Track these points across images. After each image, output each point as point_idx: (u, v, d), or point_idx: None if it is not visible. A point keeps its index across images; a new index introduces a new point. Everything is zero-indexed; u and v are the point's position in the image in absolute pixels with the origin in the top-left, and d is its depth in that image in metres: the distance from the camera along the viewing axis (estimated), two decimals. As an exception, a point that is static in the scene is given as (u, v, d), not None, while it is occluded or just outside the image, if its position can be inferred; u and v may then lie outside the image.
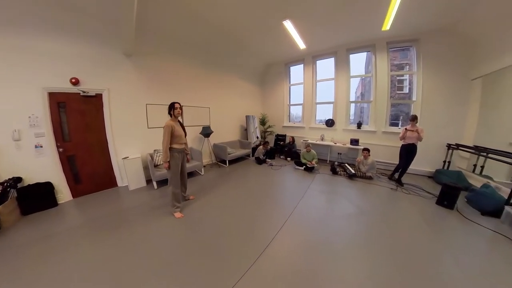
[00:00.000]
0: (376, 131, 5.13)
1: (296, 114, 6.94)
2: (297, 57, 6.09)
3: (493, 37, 3.51)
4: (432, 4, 3.32)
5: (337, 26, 4.23)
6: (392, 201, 3.16)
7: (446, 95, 4.28)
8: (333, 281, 1.54)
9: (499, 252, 1.97)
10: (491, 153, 3.40)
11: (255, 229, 2.17)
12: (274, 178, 4.06)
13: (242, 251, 1.80)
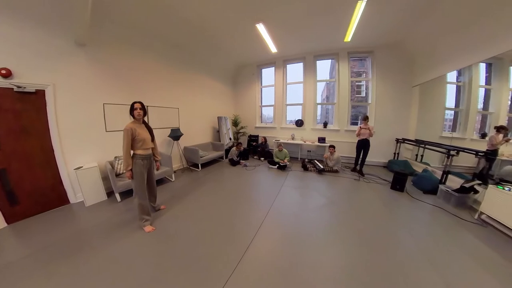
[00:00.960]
0: (339, 130, 5.72)
1: (268, 115, 7.13)
2: (269, 60, 6.26)
3: (427, 54, 4.41)
4: (382, 25, 4.02)
5: (306, 34, 4.57)
6: (356, 190, 3.62)
7: (394, 99, 5.14)
8: (314, 268, 1.67)
9: (437, 220, 2.58)
10: (427, 145, 4.25)
11: (234, 233, 2.13)
12: (249, 178, 4.06)
13: (223, 257, 1.75)
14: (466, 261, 1.81)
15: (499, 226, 2.35)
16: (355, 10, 3.40)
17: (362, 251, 1.89)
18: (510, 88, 3.18)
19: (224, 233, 2.11)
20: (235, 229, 2.20)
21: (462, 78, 3.88)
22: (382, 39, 4.72)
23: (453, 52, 3.76)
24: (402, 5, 3.34)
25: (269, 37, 4.47)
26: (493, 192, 2.50)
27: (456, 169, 3.59)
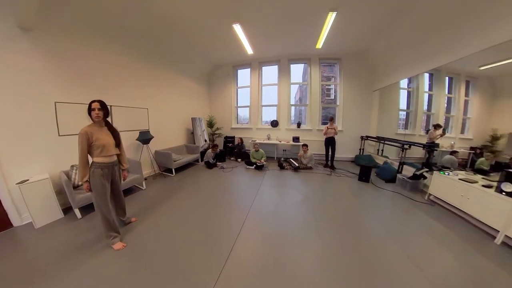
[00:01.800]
0: (312, 129, 6.10)
1: (243, 115, 7.12)
2: (245, 61, 6.24)
3: (385, 64, 5.15)
4: (349, 35, 4.49)
5: (282, 38, 4.75)
6: (329, 184, 3.95)
7: (358, 101, 5.80)
8: (296, 262, 1.74)
9: (397, 203, 3.07)
10: (386, 141, 4.90)
11: (216, 238, 2.06)
12: (227, 180, 4.00)
13: (205, 265, 1.67)
14: (421, 235, 2.22)
15: (443, 204, 2.94)
16: (326, 20, 3.68)
17: (338, 239, 2.10)
18: (446, 94, 3.93)
19: (205, 240, 2.02)
20: (216, 234, 2.13)
21: (411, 85, 4.63)
22: (349, 48, 5.26)
23: (405, 63, 4.46)
24: (367, 20, 3.79)
25: (245, 39, 4.48)
26: (437, 177, 3.09)
27: (409, 160, 4.22)
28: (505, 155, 3.09)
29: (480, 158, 3.36)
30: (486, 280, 1.58)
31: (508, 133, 3.14)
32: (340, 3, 3.24)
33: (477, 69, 3.24)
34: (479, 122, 3.53)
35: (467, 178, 2.74)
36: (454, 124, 3.78)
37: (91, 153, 1.76)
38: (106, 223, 1.85)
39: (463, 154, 3.68)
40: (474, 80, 3.39)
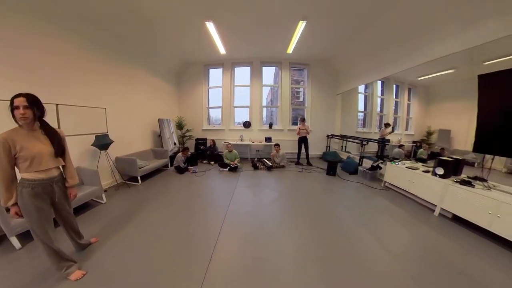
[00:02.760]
0: (283, 129, 6.39)
1: (215, 116, 6.94)
2: (217, 60, 6.09)
3: (346, 71, 5.84)
4: (317, 43, 4.91)
5: (255, 41, 4.84)
6: (300, 180, 4.19)
7: (324, 104, 6.41)
8: (277, 257, 1.79)
9: (360, 192, 3.54)
10: (348, 138, 5.51)
11: (193, 247, 1.93)
12: (200, 185, 3.81)
13: (186, 276, 1.56)
14: (381, 216, 2.65)
15: (395, 188, 3.56)
16: (297, 27, 3.97)
17: (313, 229, 2.27)
18: (394, 98, 4.71)
19: (183, 250, 1.88)
20: (194, 242, 2.01)
21: (368, 90, 5.41)
22: (316, 55, 5.75)
23: (363, 72, 5.16)
24: (332, 31, 4.25)
25: (218, 38, 4.38)
26: (390, 166, 3.68)
27: (367, 154, 4.86)
28: (437, 146, 3.86)
29: (420, 149, 4.12)
30: (431, 244, 2.03)
31: (438, 129, 3.91)
32: (310, 14, 3.53)
33: (416, 79, 4.04)
34: (418, 121, 4.35)
35: (411, 166, 3.35)
36: (400, 123, 4.59)
37: (20, 167, 1.32)
38: (51, 253, 1.43)
39: (407, 147, 4.44)
40: (414, 88, 4.20)
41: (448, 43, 2.90)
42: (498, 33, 2.26)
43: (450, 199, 2.52)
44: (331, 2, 3.21)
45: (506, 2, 2.17)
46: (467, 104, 2.79)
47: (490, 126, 2.50)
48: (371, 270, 1.63)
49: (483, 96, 2.55)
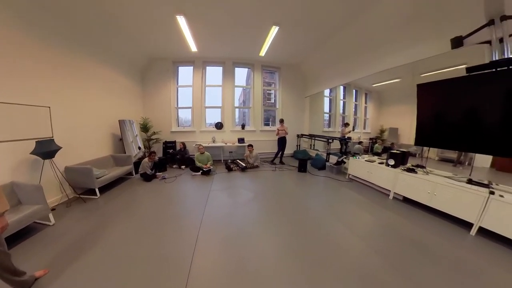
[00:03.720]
0: (255, 130, 6.49)
1: (185, 118, 6.54)
2: (188, 58, 5.75)
3: (314, 76, 6.29)
4: (287, 49, 5.18)
5: (228, 41, 4.76)
6: (274, 178, 4.36)
7: (294, 105, 6.80)
8: (258, 256, 1.81)
9: (329, 185, 3.92)
10: (316, 137, 5.99)
11: (169, 261, 1.76)
12: (171, 192, 3.53)
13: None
14: (347, 204, 3.07)
15: (357, 179, 4.06)
16: (269, 32, 4.14)
17: (289, 224, 2.39)
18: (354, 101, 5.37)
19: (157, 268, 1.68)
20: (169, 256, 1.83)
21: (332, 94, 5.97)
22: (287, 60, 6.06)
23: (328, 77, 5.68)
24: (302, 39, 4.55)
25: (190, 34, 4.14)
26: (352, 161, 4.22)
27: (333, 150, 5.35)
28: (388, 142, 4.55)
29: (375, 145, 4.79)
30: (388, 222, 2.50)
31: (389, 128, 4.62)
32: (283, 20, 3.73)
33: (371, 85, 4.78)
34: (373, 121, 5.07)
35: (369, 159, 3.93)
36: (359, 123, 5.26)
37: None
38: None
39: (366, 143, 5.10)
40: (370, 93, 4.98)
41: (396, 57, 3.55)
42: (431, 53, 2.91)
43: (400, 184, 3.10)
44: (300, 13, 3.49)
45: (436, 30, 2.83)
46: (410, 107, 3.35)
47: (426, 125, 3.05)
48: (343, 253, 1.87)
49: (421, 101, 3.09)
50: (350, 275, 1.59)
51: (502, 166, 3.87)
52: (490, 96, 2.38)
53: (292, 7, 3.30)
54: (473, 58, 2.52)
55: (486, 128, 2.42)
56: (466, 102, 2.63)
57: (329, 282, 1.53)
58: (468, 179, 2.51)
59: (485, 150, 2.57)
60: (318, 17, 3.62)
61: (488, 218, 2.12)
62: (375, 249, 1.91)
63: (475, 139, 2.52)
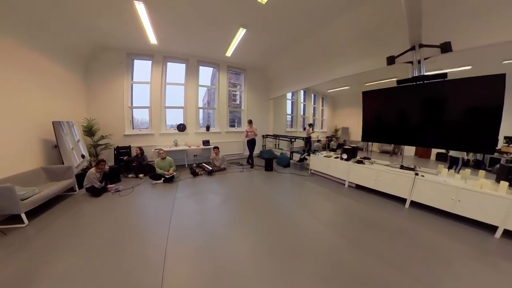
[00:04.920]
0: (221, 132, 6.38)
1: (142, 119, 5.80)
2: (146, 51, 5.08)
3: (277, 79, 6.67)
4: (253, 52, 5.32)
5: (193, 37, 4.48)
6: (242, 179, 4.39)
7: (259, 107, 7.06)
8: (235, 260, 1.81)
9: (294, 181, 4.28)
10: (280, 137, 6.36)
11: (134, 285, 1.54)
12: (129, 206, 3.07)
13: None
14: (311, 196, 3.45)
15: (318, 173, 4.58)
16: (237, 33, 4.18)
17: (261, 223, 2.48)
18: (312, 105, 6.07)
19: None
20: (134, 280, 1.59)
21: (294, 97, 6.52)
22: (253, 62, 6.21)
23: (290, 82, 6.12)
24: (267, 44, 4.79)
25: (149, 24, 3.67)
26: (313, 157, 4.69)
27: (296, 149, 5.87)
28: (341, 139, 5.33)
29: (331, 142, 5.48)
30: (347, 208, 3.00)
31: (341, 127, 5.42)
32: (251, 23, 3.83)
33: (327, 91, 5.56)
34: (329, 122, 5.81)
35: (327, 155, 4.53)
36: (318, 123, 5.90)
37: None
38: None
39: (323, 141, 5.78)
40: (326, 97, 5.87)
41: (345, 68, 4.20)
42: (373, 67, 3.66)
43: (353, 174, 3.72)
44: (267, 20, 3.69)
45: (377, 49, 3.54)
46: (357, 110, 4.06)
47: (370, 124, 3.85)
48: (313, 241, 2.10)
49: (365, 105, 3.87)
50: (321, 260, 1.80)
51: (421, 154, 5.26)
52: (412, 102, 3.19)
53: (260, 12, 3.44)
54: (402, 73, 3.32)
55: (410, 126, 3.25)
56: (397, 106, 3.43)
57: (305, 270, 1.67)
58: (401, 165, 3.31)
59: (410, 142, 3.50)
60: (283, 26, 3.94)
61: (415, 193, 2.86)
62: (339, 232, 2.26)
63: (404, 135, 3.36)
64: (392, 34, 3.26)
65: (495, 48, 2.49)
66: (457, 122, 2.73)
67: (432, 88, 2.90)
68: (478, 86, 2.52)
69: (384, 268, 1.72)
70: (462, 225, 2.42)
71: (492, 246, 2.06)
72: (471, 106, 2.61)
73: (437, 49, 2.70)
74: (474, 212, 2.33)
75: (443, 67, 3.15)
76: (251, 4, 3.20)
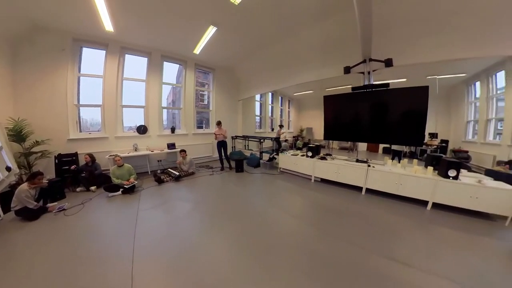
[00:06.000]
0: (188, 134, 6.05)
1: (92, 120, 4.95)
2: (98, 38, 4.29)
3: (246, 81, 6.79)
4: (223, 52, 5.29)
5: (158, 29, 4.09)
6: (213, 183, 4.31)
7: (228, 108, 6.99)
8: (216, 268, 1.77)
9: (265, 180, 4.44)
10: (250, 138, 6.52)
11: None
12: (79, 227, 2.50)
13: None
14: (282, 193, 3.69)
15: (287, 171, 4.87)
16: (206, 30, 4.07)
17: (236, 224, 2.51)
18: (280, 106, 6.45)
19: None
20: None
21: (262, 99, 6.71)
22: (222, 62, 6.12)
23: (259, 84, 6.33)
24: (238, 44, 4.82)
25: (104, 6, 3.12)
26: (282, 156, 5.00)
27: (265, 149, 6.11)
28: (306, 138, 5.81)
29: (297, 141, 5.89)
30: (313, 200, 3.36)
31: (306, 127, 5.90)
32: (222, 22, 3.78)
33: (293, 94, 5.97)
34: (295, 122, 6.25)
35: (294, 154, 4.90)
36: (285, 124, 6.26)
37: None
38: None
39: (291, 141, 6.19)
40: (292, 100, 6.21)
41: (309, 74, 4.67)
42: (332, 75, 4.20)
43: (317, 169, 4.14)
44: (238, 21, 3.72)
45: (336, 59, 4.08)
46: (319, 112, 4.54)
47: (330, 124, 4.39)
48: (287, 235, 2.25)
49: (326, 108, 4.40)
50: (296, 252, 1.95)
51: (372, 149, 6.22)
52: (364, 106, 3.83)
53: (233, 13, 3.45)
54: (356, 81, 3.92)
55: (362, 126, 3.90)
56: (352, 109, 4.03)
57: (283, 264, 1.78)
58: (356, 159, 3.93)
59: (363, 139, 4.21)
60: (254, 30, 4.10)
61: (369, 181, 3.43)
62: (307, 222, 2.52)
63: (358, 133, 4.02)
64: (348, 48, 3.83)
65: (422, 66, 3.50)
66: (396, 122, 3.46)
67: (378, 95, 3.58)
68: (410, 94, 3.23)
69: (349, 247, 2.02)
70: (404, 203, 3.08)
71: (426, 216, 2.73)
72: (406, 110, 3.34)
73: (382, 63, 3.42)
74: (412, 191, 3.02)
75: (387, 78, 3.84)
76: (224, 3, 3.17)
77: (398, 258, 1.86)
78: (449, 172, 2.75)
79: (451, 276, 1.62)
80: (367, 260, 1.83)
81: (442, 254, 1.94)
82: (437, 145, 4.90)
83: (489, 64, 4.02)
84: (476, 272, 1.68)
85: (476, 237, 2.22)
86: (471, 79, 4.60)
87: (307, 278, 1.63)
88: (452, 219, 2.60)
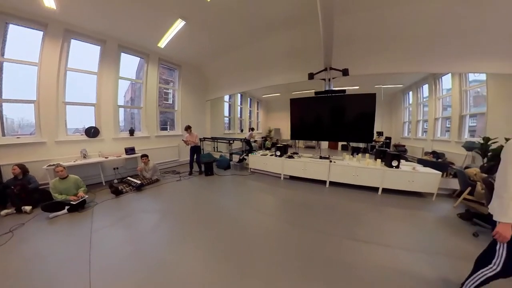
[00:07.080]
0: (150, 136, 5.41)
1: (22, 120, 3.85)
2: (33, 15, 3.35)
3: (214, 81, 6.62)
4: (190, 48, 5.06)
5: (116, 13, 3.55)
6: (181, 189, 4.05)
7: (195, 108, 6.57)
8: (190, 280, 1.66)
9: (236, 182, 4.45)
10: (218, 140, 6.43)
11: None
12: (7, 264, 1.87)
13: None
14: (253, 193, 3.79)
15: (257, 171, 4.99)
16: (174, 23, 3.81)
17: (209, 230, 2.42)
18: (249, 108, 6.57)
19: None
20: None
21: (231, 100, 6.68)
22: (189, 59, 5.83)
23: (227, 84, 6.25)
24: (206, 43, 4.71)
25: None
26: (252, 157, 5.10)
27: (235, 150, 6.12)
28: (274, 139, 6.09)
29: (266, 142, 6.11)
30: (284, 197, 3.57)
31: (274, 128, 6.18)
32: (191, 16, 3.61)
33: (261, 96, 6.18)
34: (264, 123, 6.46)
35: (263, 154, 5.07)
36: (254, 125, 6.40)
37: None
38: None
39: (259, 141, 6.38)
40: (261, 101, 6.38)
41: (276, 77, 4.90)
42: (297, 79, 4.51)
43: (286, 167, 4.39)
44: (208, 17, 3.65)
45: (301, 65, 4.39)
46: (286, 114, 4.96)
47: (296, 125, 4.76)
48: (263, 234, 2.31)
49: (292, 110, 4.75)
50: (273, 249, 2.02)
51: (332, 146, 7.02)
52: (325, 109, 4.31)
53: (203, 8, 3.36)
54: (318, 86, 4.38)
55: (324, 126, 4.39)
56: (315, 112, 4.46)
57: (260, 264, 1.81)
58: (320, 156, 4.33)
59: (325, 138, 4.78)
60: (224, 30, 4.09)
61: (331, 175, 3.86)
62: (283, 219, 2.69)
63: (320, 133, 4.50)
64: (313, 56, 4.21)
65: (371, 77, 4.20)
66: (351, 123, 4.07)
67: (337, 99, 4.12)
68: (362, 100, 3.87)
69: (318, 235, 2.25)
70: (361, 191, 3.61)
71: (378, 200, 3.29)
72: (359, 112, 3.96)
73: (340, 72, 3.96)
74: (366, 181, 3.58)
75: (344, 85, 4.36)
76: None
77: (359, 237, 2.20)
78: (393, 163, 3.43)
79: (402, 245, 2.06)
80: (335, 244, 2.10)
81: (393, 229, 2.43)
82: (383, 141, 5.96)
83: (418, 78, 5.35)
84: (418, 239, 2.21)
85: (415, 212, 2.88)
86: (406, 89, 6.05)
87: (284, 271, 1.73)
88: (397, 200, 3.25)
